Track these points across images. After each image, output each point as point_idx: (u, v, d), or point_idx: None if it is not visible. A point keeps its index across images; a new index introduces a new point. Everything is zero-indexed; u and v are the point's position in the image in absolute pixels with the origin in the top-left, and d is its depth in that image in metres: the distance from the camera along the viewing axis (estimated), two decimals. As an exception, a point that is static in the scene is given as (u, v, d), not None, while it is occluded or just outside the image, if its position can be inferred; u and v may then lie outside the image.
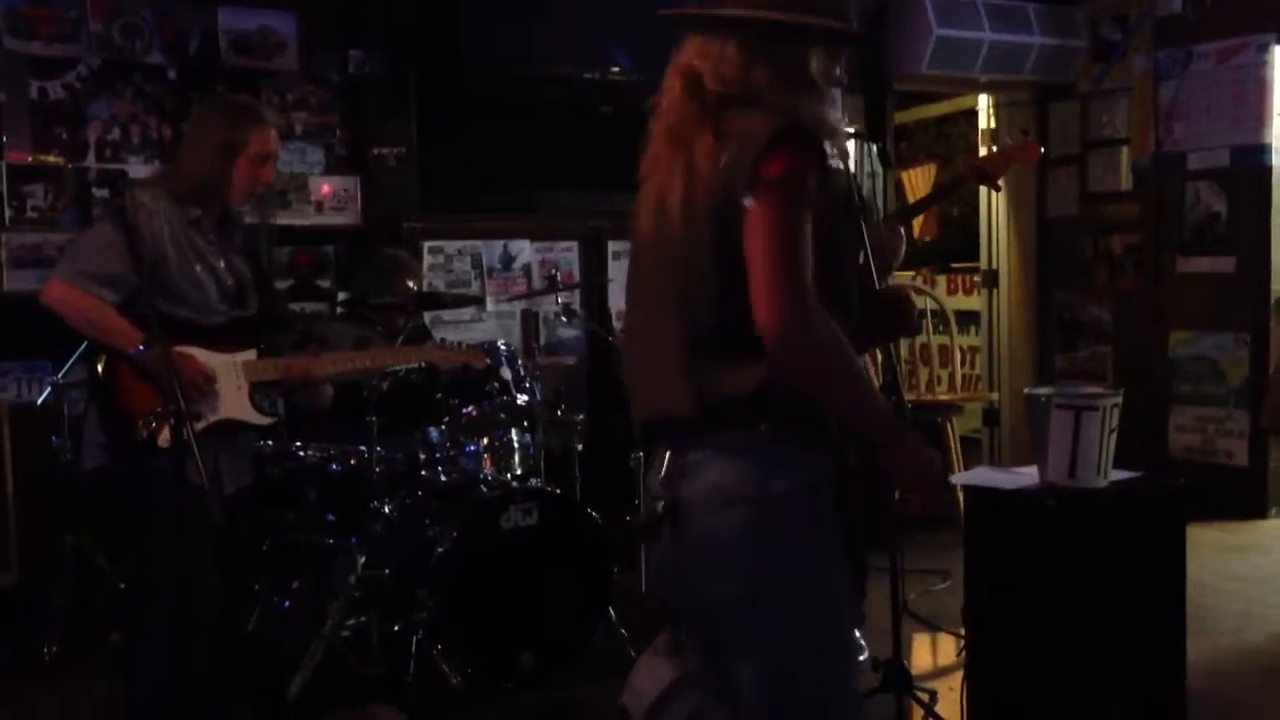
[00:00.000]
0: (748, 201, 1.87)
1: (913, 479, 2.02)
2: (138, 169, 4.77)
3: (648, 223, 2.07)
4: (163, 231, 3.05)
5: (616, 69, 5.61)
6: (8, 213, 4.62)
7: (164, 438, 2.79)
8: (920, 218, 7.59)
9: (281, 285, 5.02)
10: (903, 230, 3.97)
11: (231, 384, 3.14)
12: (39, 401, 4.30)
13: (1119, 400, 3.16)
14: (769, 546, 1.92)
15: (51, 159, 4.70)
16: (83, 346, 3.88)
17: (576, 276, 5.72)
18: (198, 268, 3.12)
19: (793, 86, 2.00)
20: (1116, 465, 3.20)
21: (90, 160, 4.76)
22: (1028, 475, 3.27)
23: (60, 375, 4.22)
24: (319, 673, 3.66)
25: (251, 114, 3.23)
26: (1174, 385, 6.40)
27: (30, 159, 4.67)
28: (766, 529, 1.92)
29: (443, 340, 4.26)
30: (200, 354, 3.08)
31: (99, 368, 3.02)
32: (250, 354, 3.19)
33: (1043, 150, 4.17)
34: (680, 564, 1.99)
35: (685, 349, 1.94)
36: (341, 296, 5.08)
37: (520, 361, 4.40)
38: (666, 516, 1.98)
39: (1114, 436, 3.15)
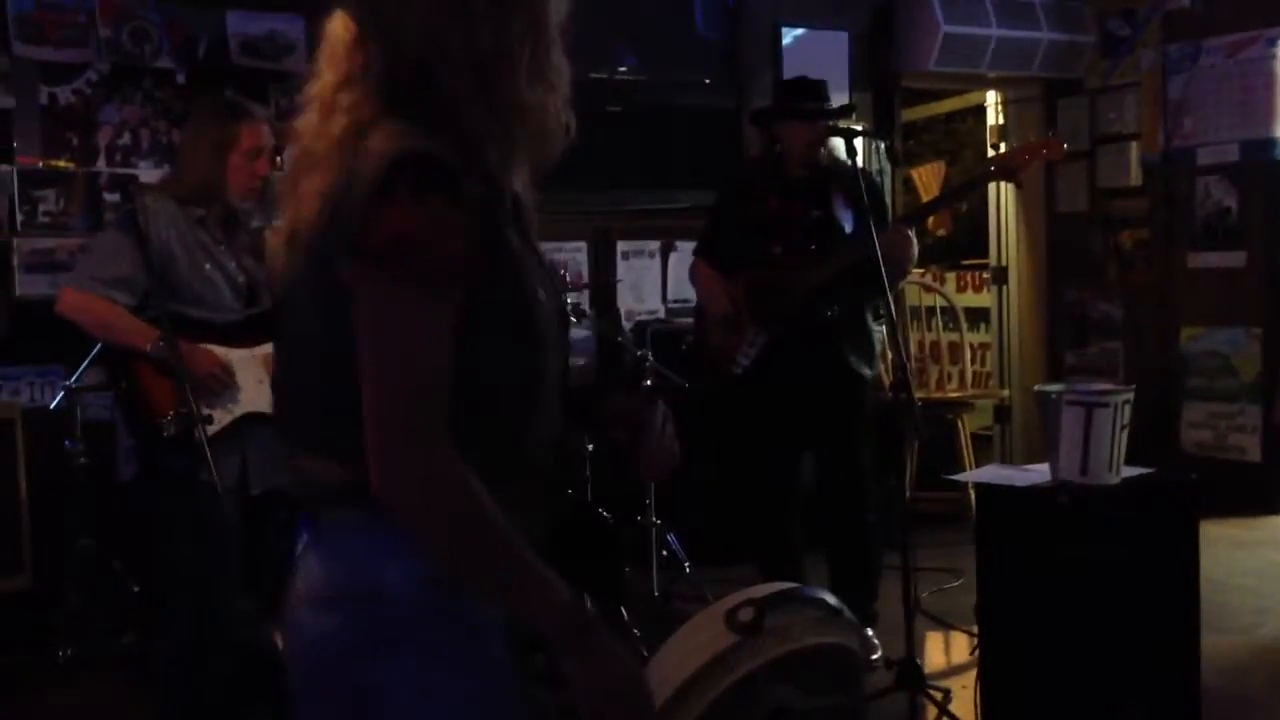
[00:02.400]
0: (345, 271, 1.34)
1: (592, 702, 1.44)
2: (148, 173, 4.77)
3: (279, 249, 1.49)
4: (169, 233, 3.08)
5: (625, 68, 5.61)
6: (19, 218, 4.63)
7: (189, 435, 2.81)
8: (912, 234, 7.58)
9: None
10: (912, 233, 3.98)
11: (252, 378, 3.15)
12: (52, 406, 4.31)
13: (1130, 396, 3.16)
14: (376, 660, 1.41)
15: (62, 164, 4.71)
16: (95, 351, 3.89)
17: (585, 277, 5.72)
18: (207, 266, 3.14)
19: (484, 70, 1.42)
20: (1128, 462, 3.20)
21: (101, 165, 4.77)
22: (1039, 472, 3.27)
23: (73, 380, 4.23)
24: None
25: (240, 110, 3.26)
26: (1185, 381, 6.38)
27: (41, 164, 4.68)
28: (373, 637, 1.41)
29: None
30: (218, 350, 3.10)
31: (120, 371, 3.04)
32: (269, 347, 3.21)
33: (1065, 146, 4.16)
34: (290, 675, 1.51)
35: (285, 420, 1.52)
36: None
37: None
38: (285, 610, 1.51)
39: (1125, 433, 3.14)
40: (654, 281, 5.89)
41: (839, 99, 4.70)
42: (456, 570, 1.39)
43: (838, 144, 4.20)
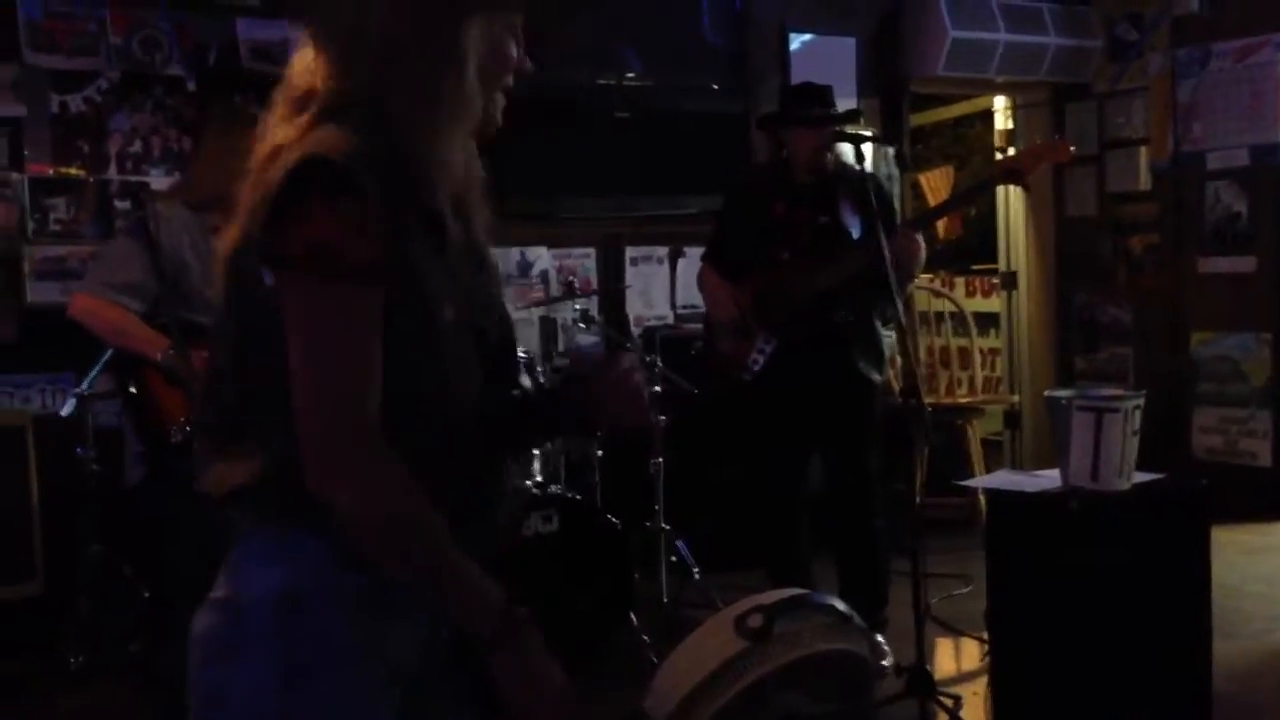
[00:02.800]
0: (267, 278, 1.36)
1: (518, 702, 1.46)
2: (159, 181, 4.79)
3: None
4: (182, 240, 3.09)
5: (632, 74, 5.62)
6: (30, 226, 4.65)
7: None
8: (920, 239, 7.58)
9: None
10: (920, 238, 3.97)
11: None
12: (63, 413, 4.33)
13: (1140, 402, 3.15)
14: (224, 663, 1.45)
15: (73, 172, 4.73)
16: (106, 357, 3.90)
17: (594, 283, 5.72)
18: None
19: (425, 75, 1.44)
20: (1139, 467, 3.19)
21: (112, 173, 4.79)
22: (1049, 478, 3.26)
23: (84, 386, 4.24)
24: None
25: (254, 118, 3.27)
26: (1196, 386, 6.36)
27: (52, 172, 4.70)
28: (226, 640, 1.46)
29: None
30: None
31: (130, 378, 3.05)
32: None
33: (1073, 149, 4.16)
34: None
35: (202, 424, 1.55)
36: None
37: (539, 368, 4.41)
38: None
39: (1136, 438, 3.14)
40: (663, 287, 5.89)
41: (846, 104, 4.71)
42: (391, 569, 1.40)
43: (845, 149, 4.20)
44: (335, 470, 1.34)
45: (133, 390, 3.04)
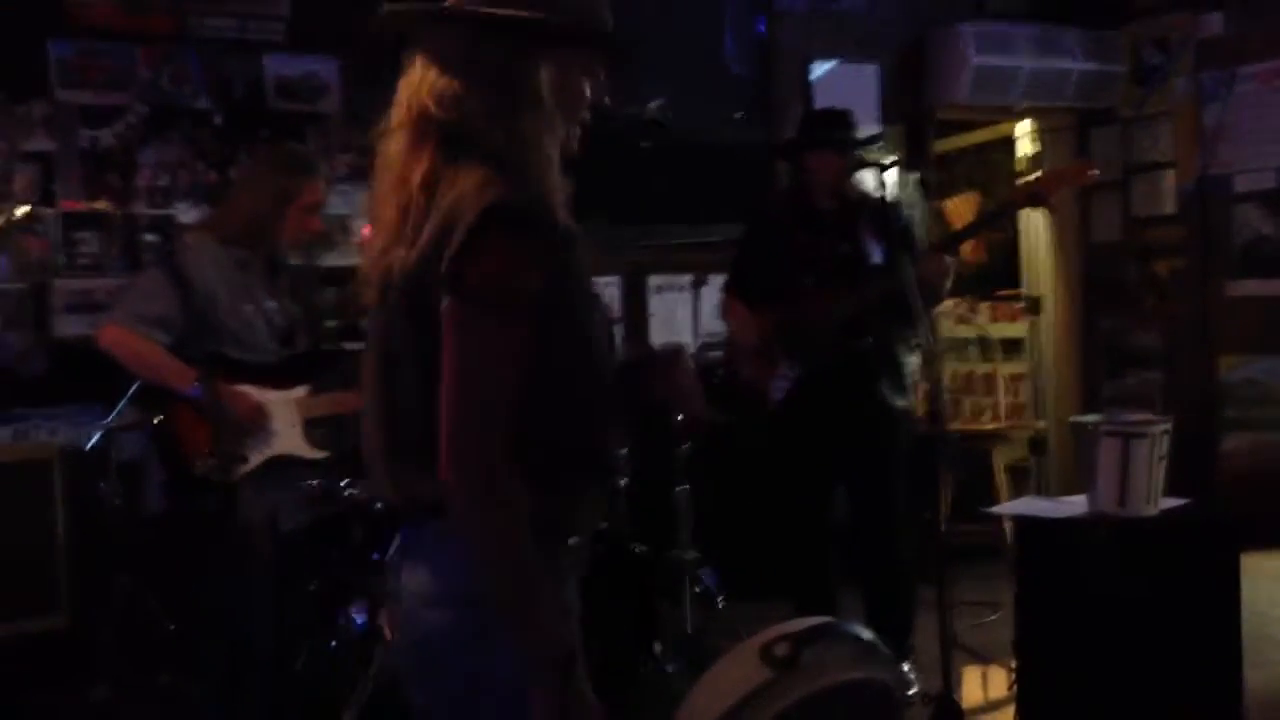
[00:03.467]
0: (444, 302, 1.55)
1: (559, 702, 1.62)
2: (186, 214, 4.83)
3: (370, 284, 1.71)
4: (212, 274, 3.11)
5: (655, 104, 5.64)
6: (60, 259, 4.70)
7: (222, 475, 2.84)
8: (970, 242, 7.56)
9: (327, 325, 5.06)
10: (948, 259, 3.97)
11: (286, 420, 3.18)
12: (89, 445, 4.36)
13: (1168, 427, 3.13)
14: (481, 650, 1.64)
15: (102, 206, 4.78)
16: (132, 390, 3.93)
17: (617, 311, 5.73)
18: (248, 308, 3.17)
19: (519, 109, 1.64)
20: (1167, 493, 3.16)
21: (140, 207, 4.84)
22: (1076, 504, 3.24)
23: (111, 419, 4.27)
24: (366, 712, 3.67)
25: (307, 165, 3.31)
26: (1224, 411, 6.31)
27: (82, 206, 4.75)
28: (478, 631, 1.63)
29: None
30: (254, 392, 3.12)
31: (156, 410, 3.07)
32: (303, 391, 3.24)
33: (1095, 172, 4.15)
34: (402, 660, 1.76)
35: (388, 437, 1.68)
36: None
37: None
38: (391, 604, 1.75)
39: (1164, 464, 3.11)
40: (686, 316, 5.90)
41: (870, 131, 4.72)
42: (479, 574, 1.56)
43: (868, 176, 4.20)
44: (465, 475, 1.52)
45: (158, 421, 3.06)
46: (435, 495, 1.57)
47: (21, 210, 4.35)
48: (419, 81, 1.69)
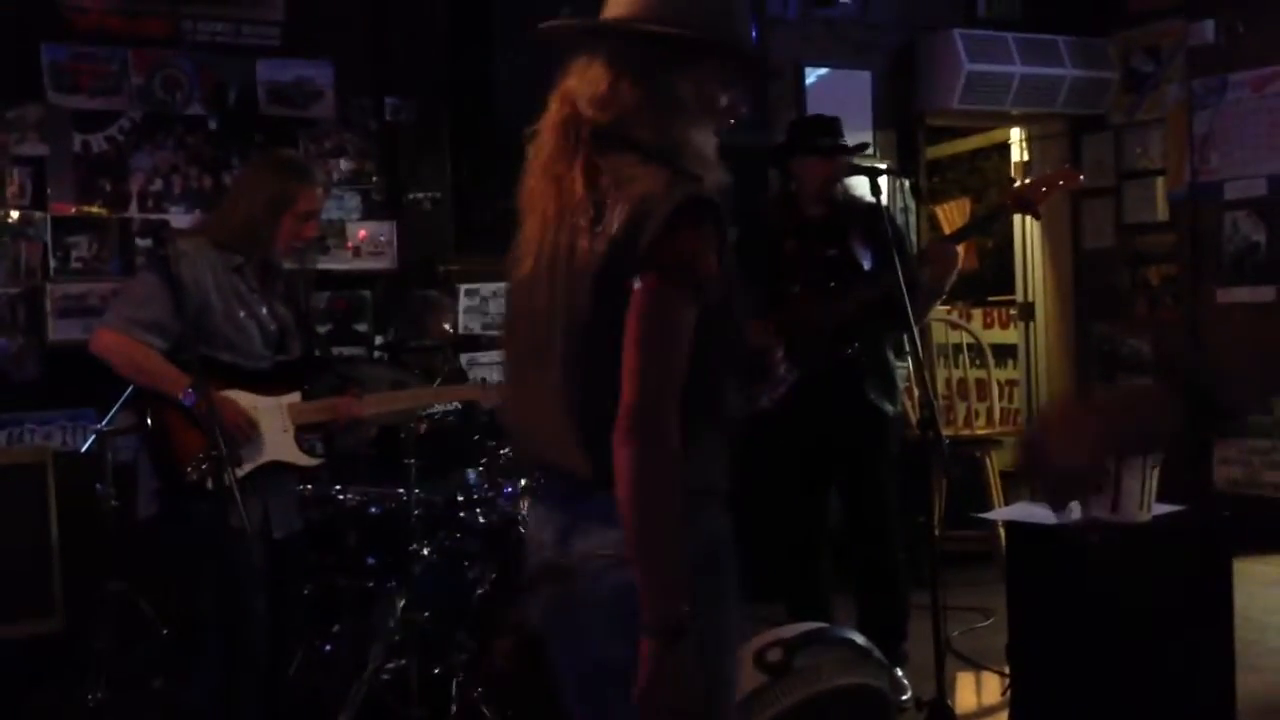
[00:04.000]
0: (635, 282, 1.74)
1: (649, 685, 1.69)
2: (179, 218, 4.83)
3: (528, 267, 1.89)
4: (206, 278, 3.10)
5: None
6: (53, 263, 4.70)
7: (214, 480, 2.83)
8: (963, 249, 7.57)
9: (319, 330, 5.06)
10: (959, 249, 3.98)
11: (277, 427, 3.17)
12: (83, 449, 4.35)
13: (1160, 433, 3.13)
14: None
15: (95, 210, 4.78)
16: (126, 394, 3.93)
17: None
18: (241, 313, 3.17)
19: (667, 113, 1.84)
20: (1159, 499, 3.17)
21: (133, 211, 4.84)
22: (1069, 510, 3.24)
23: (104, 423, 4.27)
24: (360, 716, 3.67)
25: (303, 173, 3.30)
26: (1216, 417, 6.31)
27: (74, 211, 4.75)
28: None
29: (483, 380, 4.30)
30: (245, 398, 3.12)
31: (149, 414, 3.06)
32: (295, 397, 3.23)
33: (1082, 178, 4.17)
34: (571, 622, 1.87)
35: (577, 411, 1.81)
36: (379, 341, 5.12)
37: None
38: (552, 571, 1.87)
39: (1156, 470, 3.12)
40: (680, 321, 5.90)
41: (862, 137, 4.73)
42: (628, 525, 1.71)
43: (860, 182, 4.22)
44: (636, 432, 1.70)
45: (149, 421, 3.05)
46: (598, 469, 1.75)
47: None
48: (574, 87, 1.89)
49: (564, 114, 1.88)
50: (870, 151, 5.83)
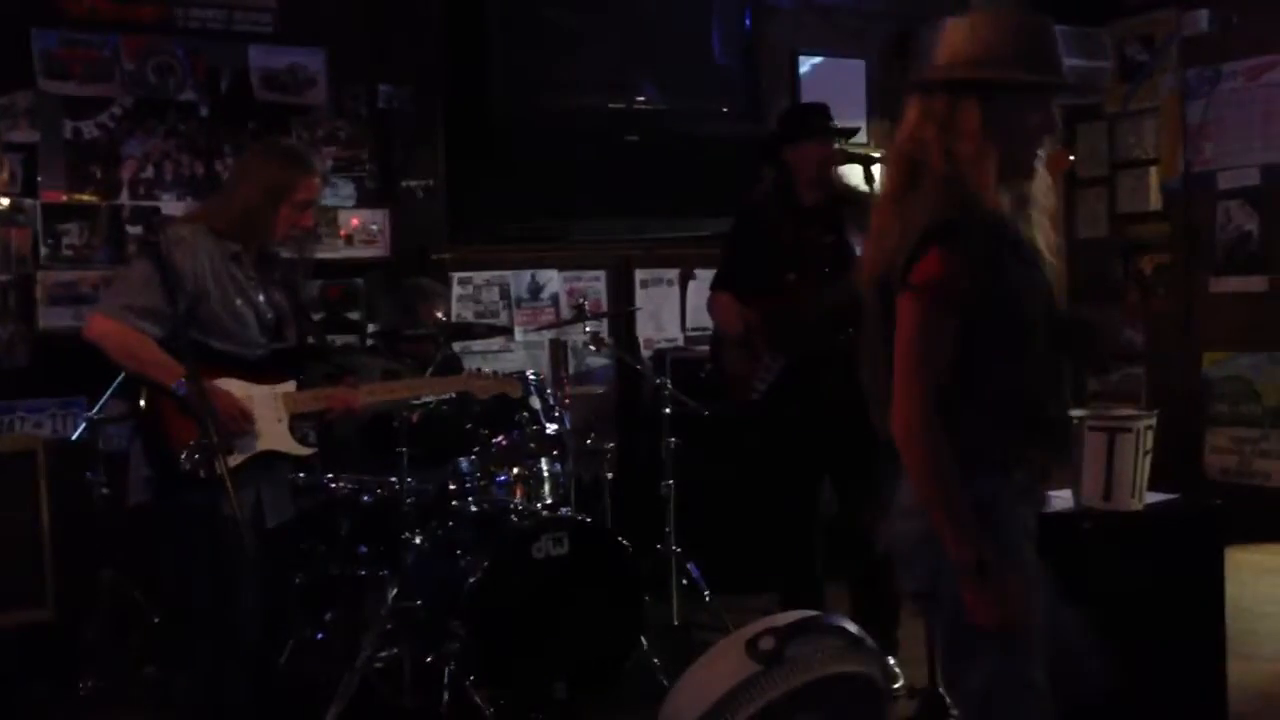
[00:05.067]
0: (899, 295, 2.10)
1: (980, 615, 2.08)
2: (171, 206, 4.82)
3: (862, 276, 2.27)
4: (204, 266, 3.09)
5: (642, 98, 5.64)
6: (43, 251, 4.68)
7: (207, 470, 2.82)
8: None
9: (315, 319, 5.05)
10: None
11: (272, 416, 3.16)
12: (74, 437, 4.34)
13: (1153, 422, 3.14)
14: (935, 552, 2.11)
15: (86, 197, 4.76)
16: (117, 382, 3.92)
17: (604, 305, 5.73)
18: (238, 301, 3.15)
19: (951, 143, 2.14)
20: (1151, 488, 3.17)
21: (124, 198, 4.82)
22: (1062, 498, 3.25)
23: (95, 411, 4.26)
24: (352, 705, 3.67)
25: (303, 161, 3.28)
26: (1208, 406, 6.34)
27: (65, 198, 4.73)
28: (931, 536, 2.11)
29: (477, 369, 4.29)
30: (240, 386, 3.10)
31: (142, 402, 3.04)
32: (290, 386, 3.22)
33: (1071, 159, 4.17)
34: (895, 554, 2.27)
35: (881, 393, 2.20)
36: (372, 329, 5.11)
37: (549, 391, 4.42)
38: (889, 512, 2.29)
39: (1148, 459, 3.12)
40: (673, 310, 5.90)
41: (849, 124, 4.72)
42: (916, 488, 2.13)
43: (854, 171, 4.20)
44: (903, 418, 2.10)
45: (142, 404, 3.04)
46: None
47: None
48: (903, 125, 2.24)
49: (895, 148, 2.25)
50: (863, 139, 5.82)
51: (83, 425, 4.31)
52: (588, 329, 4.90)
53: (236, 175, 3.35)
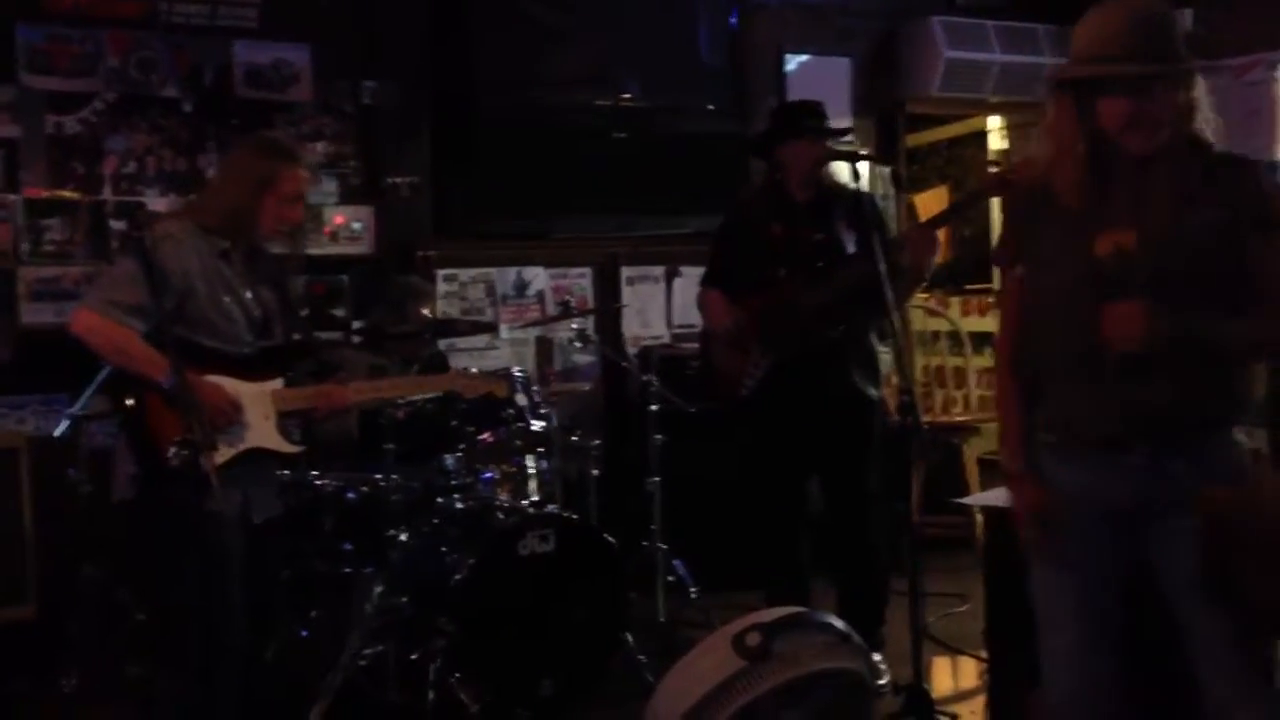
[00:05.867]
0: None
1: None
2: (154, 202, 4.80)
3: None
4: (191, 262, 3.07)
5: (628, 96, 5.63)
6: (25, 247, 4.65)
7: (193, 465, 2.80)
8: (940, 235, 7.58)
9: (302, 316, 5.04)
10: (938, 235, 3.99)
11: (260, 413, 3.15)
12: (56, 434, 4.32)
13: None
14: None
15: (68, 193, 4.73)
16: (100, 378, 3.89)
17: (590, 302, 5.73)
18: (226, 298, 3.14)
19: None
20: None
21: (107, 193, 4.79)
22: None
23: (78, 408, 4.24)
24: (338, 702, 3.66)
25: (289, 153, 3.27)
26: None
27: (47, 193, 4.70)
28: None
29: (464, 368, 4.28)
30: (228, 383, 3.09)
31: (128, 398, 3.02)
32: (278, 383, 3.21)
33: None
34: None
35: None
36: (357, 325, 5.09)
37: (535, 388, 4.41)
38: None
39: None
40: (659, 307, 5.90)
41: (842, 124, 4.73)
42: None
43: (841, 168, 4.21)
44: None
45: (129, 402, 3.02)
46: None
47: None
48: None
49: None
50: (850, 138, 5.83)
51: (65, 422, 4.28)
52: (574, 326, 4.90)
53: (223, 171, 3.34)
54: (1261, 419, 6.20)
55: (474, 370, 4.07)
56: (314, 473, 3.99)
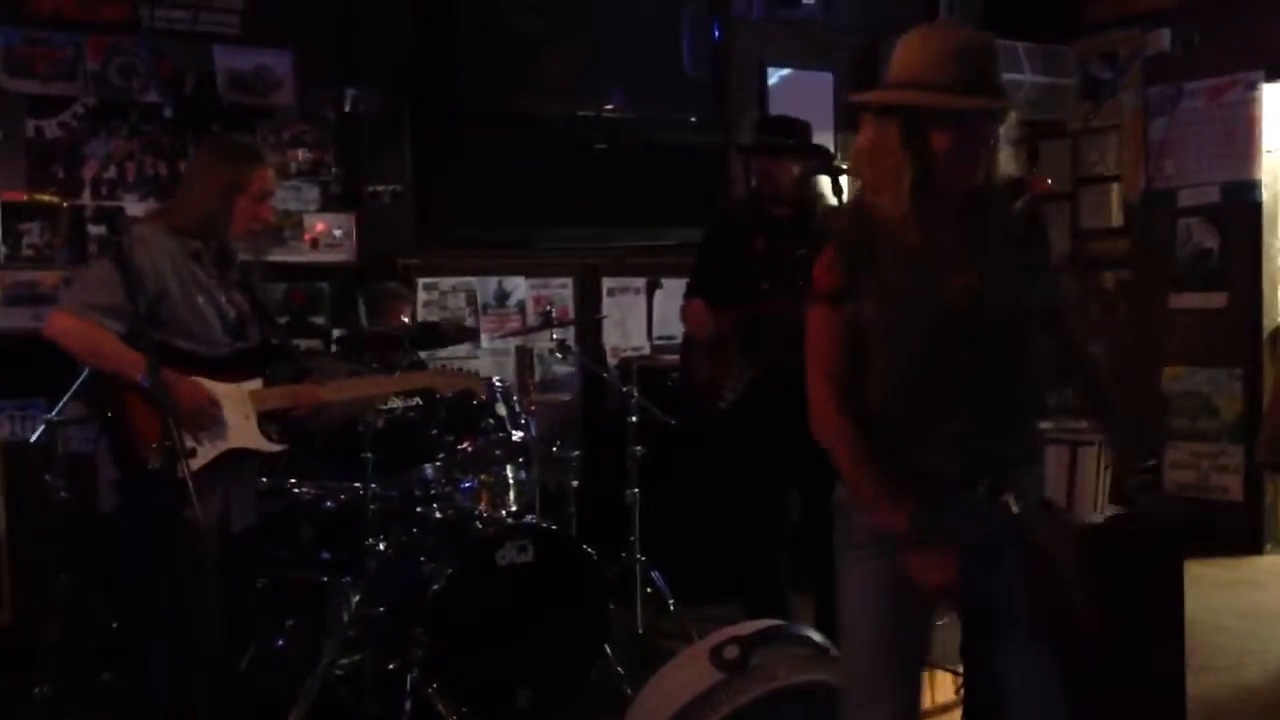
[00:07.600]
0: None
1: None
2: (134, 207, 4.78)
3: None
4: (165, 265, 3.07)
5: (610, 106, 5.65)
6: (3, 251, 4.62)
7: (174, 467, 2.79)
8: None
9: (278, 320, 5.01)
10: None
11: (240, 413, 3.14)
12: (33, 439, 4.29)
13: (1114, 435, 3.16)
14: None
15: (47, 197, 4.71)
16: (77, 383, 3.87)
17: (571, 313, 5.73)
18: (200, 300, 3.13)
19: None
20: (1111, 501, 3.20)
21: (86, 198, 4.77)
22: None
23: (54, 413, 4.21)
24: (313, 712, 3.64)
25: (254, 154, 3.29)
26: (1167, 421, 6.41)
27: (26, 197, 4.67)
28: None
29: (441, 365, 4.28)
30: (206, 385, 3.08)
31: (108, 408, 3.01)
32: (256, 383, 3.20)
33: (1050, 181, 4.22)
34: None
35: None
36: (337, 334, 5.08)
37: (515, 398, 4.41)
38: None
39: (1109, 472, 3.15)
40: (639, 318, 5.90)
41: (823, 139, 4.74)
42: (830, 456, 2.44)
43: (824, 182, 4.22)
44: (812, 400, 2.47)
45: (110, 415, 3.01)
46: None
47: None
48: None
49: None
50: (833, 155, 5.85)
51: (42, 427, 4.25)
52: (554, 336, 4.90)
53: (190, 176, 3.34)
54: (1238, 437, 6.28)
55: (455, 367, 4.07)
56: (292, 480, 3.98)
